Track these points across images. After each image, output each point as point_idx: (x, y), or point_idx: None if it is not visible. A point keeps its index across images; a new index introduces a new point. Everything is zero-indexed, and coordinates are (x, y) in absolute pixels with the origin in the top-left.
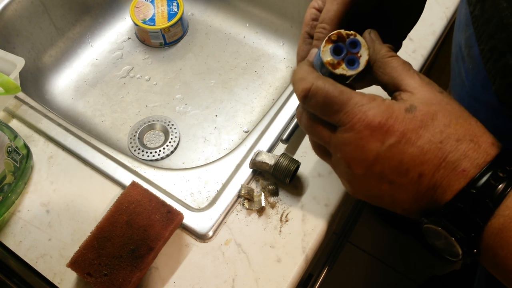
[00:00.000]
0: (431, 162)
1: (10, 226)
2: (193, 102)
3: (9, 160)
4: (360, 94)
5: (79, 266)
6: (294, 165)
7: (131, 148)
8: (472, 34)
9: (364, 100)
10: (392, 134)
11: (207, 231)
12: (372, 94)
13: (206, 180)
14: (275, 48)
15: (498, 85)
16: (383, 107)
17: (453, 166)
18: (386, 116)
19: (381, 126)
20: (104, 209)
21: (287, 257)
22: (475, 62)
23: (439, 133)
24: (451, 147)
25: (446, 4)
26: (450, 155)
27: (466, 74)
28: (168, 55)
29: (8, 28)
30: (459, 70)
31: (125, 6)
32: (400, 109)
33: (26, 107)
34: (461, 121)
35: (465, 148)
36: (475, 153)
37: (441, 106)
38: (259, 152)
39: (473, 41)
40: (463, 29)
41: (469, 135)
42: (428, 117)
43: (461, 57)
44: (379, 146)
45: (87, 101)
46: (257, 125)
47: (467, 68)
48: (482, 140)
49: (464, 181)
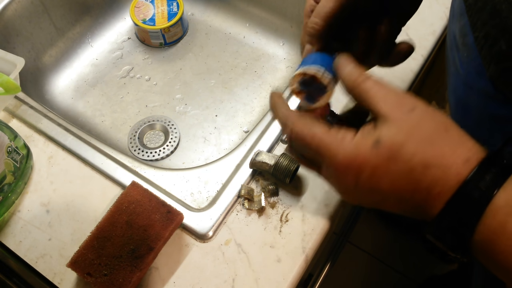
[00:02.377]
0: (405, 191)
1: (10, 226)
2: (193, 102)
3: (9, 160)
4: (330, 136)
5: (79, 266)
6: (294, 165)
7: (131, 148)
8: (466, 23)
9: (333, 143)
10: (363, 170)
11: (207, 231)
12: (343, 132)
13: (206, 180)
14: (275, 48)
15: (493, 71)
16: (350, 148)
17: (427, 191)
18: (353, 157)
19: (351, 165)
20: (104, 209)
21: (287, 257)
22: (469, 50)
23: (407, 162)
24: (420, 175)
25: (446, 4)
26: (420, 183)
27: (461, 63)
28: (168, 55)
29: (8, 28)
30: (454, 59)
31: (125, 6)
32: (367, 146)
33: (26, 107)
34: (429, 144)
35: (433, 174)
36: (445, 176)
37: (408, 132)
38: (259, 152)
39: (467, 30)
40: (457, 19)
41: (437, 157)
42: (395, 150)
43: (456, 46)
44: (355, 181)
45: (87, 101)
46: (257, 125)
47: (462, 57)
48: (451, 160)
49: (442, 202)
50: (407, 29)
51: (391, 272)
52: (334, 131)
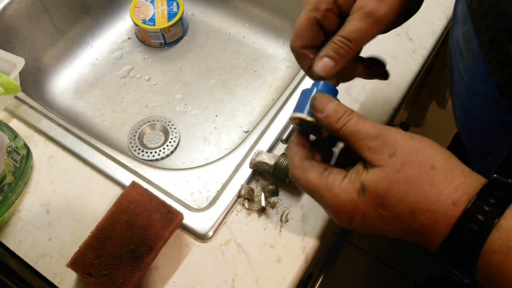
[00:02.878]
0: (399, 231)
1: (10, 226)
2: (193, 102)
3: (9, 160)
4: (322, 181)
5: (79, 266)
6: None
7: (131, 148)
8: (470, 28)
9: (324, 189)
10: (354, 215)
11: (207, 231)
12: (333, 177)
13: (206, 180)
14: (275, 48)
15: (499, 76)
16: (338, 194)
17: (420, 233)
18: (343, 203)
19: (341, 211)
20: (104, 209)
21: (287, 257)
22: (474, 56)
23: (394, 209)
24: (409, 220)
25: (446, 4)
26: (411, 227)
27: (465, 69)
28: (168, 55)
29: (8, 28)
30: (457, 65)
31: (125, 6)
32: (354, 193)
33: (26, 107)
34: (413, 188)
35: (421, 220)
36: (433, 221)
37: (392, 178)
38: (259, 152)
39: (471, 35)
40: (460, 24)
41: (422, 203)
42: (380, 197)
43: (459, 52)
44: (349, 222)
45: (87, 101)
46: (257, 125)
47: (466, 62)
48: (438, 204)
49: (437, 243)
50: (407, 29)
51: (391, 272)
52: (325, 176)
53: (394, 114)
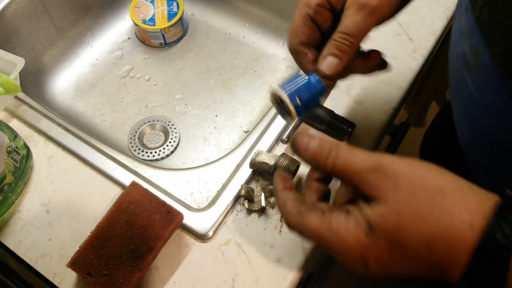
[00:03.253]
0: (418, 269)
1: (10, 226)
2: (193, 102)
3: (9, 160)
4: (324, 227)
5: (79, 266)
6: (294, 165)
7: (131, 148)
8: (479, 40)
9: (329, 236)
10: (367, 258)
11: (207, 231)
12: (335, 219)
13: (206, 180)
14: (275, 48)
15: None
16: (346, 239)
17: (438, 265)
18: (352, 249)
19: (353, 257)
20: (104, 209)
21: (287, 257)
22: (484, 68)
23: (408, 247)
24: (426, 253)
25: (446, 4)
26: (429, 260)
27: (473, 83)
28: (168, 55)
29: (8, 28)
30: (465, 82)
31: (125, 6)
32: (360, 235)
33: (26, 107)
34: (425, 219)
35: (438, 250)
36: (451, 250)
37: (400, 212)
38: (259, 152)
39: (480, 47)
40: (465, 38)
41: (437, 232)
42: (391, 237)
43: (466, 67)
44: (364, 268)
45: (87, 101)
46: (257, 125)
47: (475, 77)
48: (454, 230)
49: (457, 273)
50: (407, 29)
51: None
52: (327, 219)
53: (394, 114)
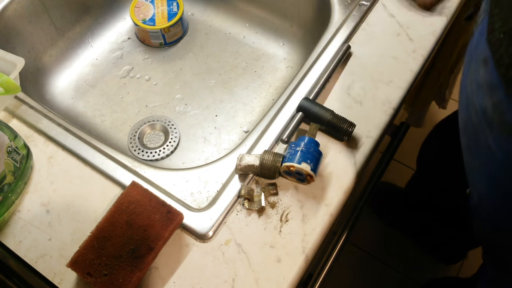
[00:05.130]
0: None
1: (10, 226)
2: (193, 102)
3: (9, 160)
4: None
5: (79, 266)
6: (279, 158)
7: (131, 148)
8: (503, 99)
9: None
10: None
11: (207, 231)
12: None
13: (206, 180)
14: (275, 48)
15: None
16: None
17: None
18: None
19: None
20: (104, 209)
21: (287, 257)
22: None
23: None
24: None
25: (446, 4)
26: None
27: (497, 143)
28: (168, 55)
29: (8, 28)
30: (485, 140)
31: (125, 6)
32: None
33: (26, 107)
34: None
35: None
36: None
37: None
38: (242, 156)
39: (506, 106)
40: (486, 92)
41: None
42: None
43: (487, 125)
44: None
45: (87, 101)
46: (257, 125)
47: (499, 137)
48: None
49: None
50: (407, 29)
51: (392, 272)
52: None
53: (394, 114)
